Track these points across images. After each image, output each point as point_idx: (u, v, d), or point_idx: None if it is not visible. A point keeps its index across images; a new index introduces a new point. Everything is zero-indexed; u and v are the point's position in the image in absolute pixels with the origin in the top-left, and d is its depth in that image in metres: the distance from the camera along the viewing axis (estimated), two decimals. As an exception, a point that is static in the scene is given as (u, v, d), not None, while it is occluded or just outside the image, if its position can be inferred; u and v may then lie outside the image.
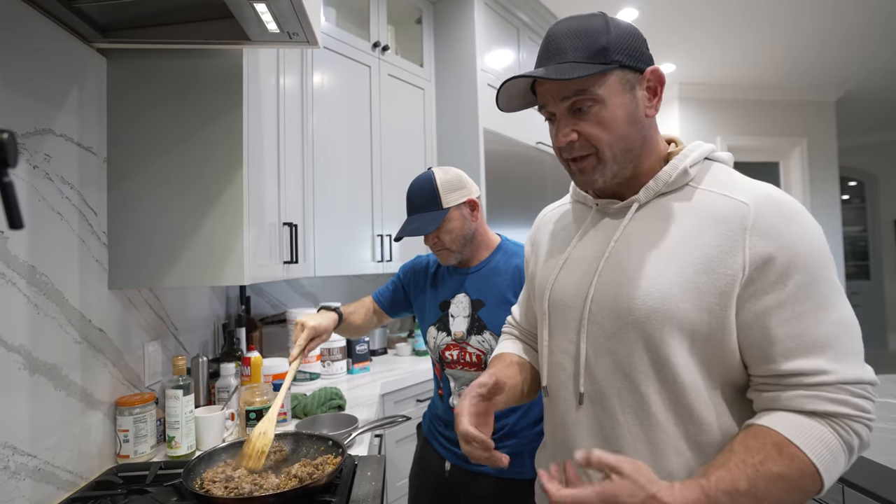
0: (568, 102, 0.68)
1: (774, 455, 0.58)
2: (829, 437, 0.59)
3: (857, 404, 0.59)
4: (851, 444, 0.60)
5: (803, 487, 0.58)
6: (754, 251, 0.61)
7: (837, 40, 3.44)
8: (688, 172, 0.69)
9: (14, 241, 0.89)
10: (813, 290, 0.61)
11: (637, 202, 0.71)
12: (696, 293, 0.63)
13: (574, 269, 0.76)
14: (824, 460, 0.58)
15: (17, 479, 0.89)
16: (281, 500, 0.91)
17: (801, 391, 0.61)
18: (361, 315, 1.39)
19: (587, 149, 0.69)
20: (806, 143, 4.49)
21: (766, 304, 0.62)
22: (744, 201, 0.64)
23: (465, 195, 1.22)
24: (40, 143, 0.97)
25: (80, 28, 1.05)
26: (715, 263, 0.63)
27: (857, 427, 0.60)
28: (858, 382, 0.60)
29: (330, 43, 2.05)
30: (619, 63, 0.66)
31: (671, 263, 0.65)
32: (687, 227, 0.66)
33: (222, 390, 1.48)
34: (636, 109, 0.68)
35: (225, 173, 1.22)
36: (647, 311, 0.65)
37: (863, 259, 5.98)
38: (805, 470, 0.58)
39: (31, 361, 0.93)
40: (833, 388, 0.60)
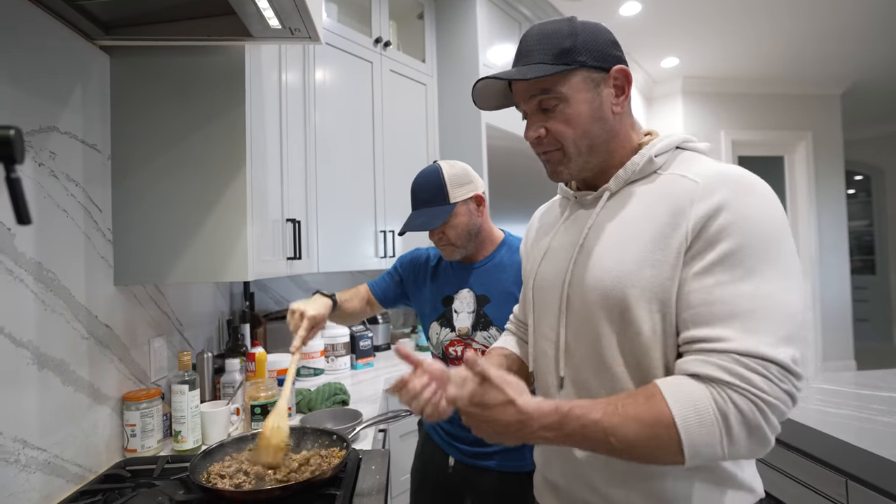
0: (535, 101, 0.73)
1: (641, 401, 0.59)
2: (702, 398, 0.57)
3: (744, 375, 0.56)
4: (726, 413, 0.56)
5: (657, 435, 0.57)
6: (696, 219, 0.62)
7: (840, 33, 3.41)
8: (653, 161, 0.72)
9: (21, 237, 0.90)
10: (740, 259, 0.60)
11: (608, 191, 0.75)
12: (650, 269, 0.65)
13: (553, 259, 0.80)
14: (686, 416, 0.56)
15: (28, 472, 0.91)
16: (286, 493, 0.92)
17: (694, 356, 0.60)
18: (356, 303, 1.38)
19: (554, 144, 0.73)
20: (811, 137, 4.46)
21: (691, 270, 0.62)
22: (696, 180, 0.66)
23: (472, 190, 1.21)
24: (45, 140, 0.98)
25: (84, 26, 1.06)
26: (666, 239, 0.65)
27: (737, 398, 0.56)
28: (758, 357, 0.56)
29: (332, 39, 2.05)
30: (581, 63, 0.70)
31: (630, 243, 0.68)
32: (647, 208, 0.69)
33: (227, 385, 1.49)
34: (601, 106, 0.72)
35: (228, 169, 1.23)
36: (604, 289, 0.68)
37: (868, 254, 5.94)
38: (661, 419, 0.57)
39: (40, 357, 0.94)
40: (724, 356, 0.57)
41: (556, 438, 0.61)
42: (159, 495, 0.97)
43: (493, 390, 0.61)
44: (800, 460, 1.29)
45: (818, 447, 1.25)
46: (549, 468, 0.82)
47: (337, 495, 0.94)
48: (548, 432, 0.60)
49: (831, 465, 1.21)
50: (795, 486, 1.31)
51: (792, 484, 1.32)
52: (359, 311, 1.39)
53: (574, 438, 0.60)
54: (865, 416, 1.32)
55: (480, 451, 1.20)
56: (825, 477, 1.22)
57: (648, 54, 3.74)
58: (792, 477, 1.32)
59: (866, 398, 1.48)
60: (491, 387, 0.62)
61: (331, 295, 1.29)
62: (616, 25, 3.22)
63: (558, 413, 0.60)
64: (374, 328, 2.40)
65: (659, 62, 3.89)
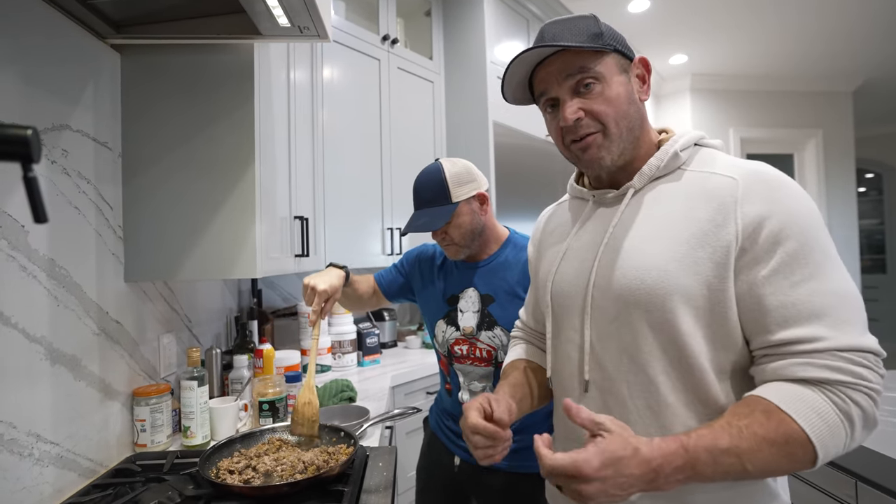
0: (573, 80, 0.70)
1: (762, 419, 0.57)
2: (822, 404, 0.57)
3: (854, 371, 0.57)
4: (849, 412, 0.56)
5: (793, 454, 0.56)
6: (745, 220, 0.62)
7: (850, 30, 3.37)
8: (678, 156, 0.72)
9: (34, 235, 0.91)
10: (805, 258, 0.60)
11: (632, 188, 0.73)
12: (693, 267, 0.64)
13: (573, 259, 0.78)
14: (815, 428, 0.56)
15: (41, 466, 0.92)
16: (295, 489, 0.92)
17: (793, 359, 0.59)
18: (364, 287, 1.37)
19: (594, 126, 0.71)
20: (821, 135, 4.41)
21: (758, 274, 0.62)
22: (732, 176, 0.66)
23: (474, 188, 1.19)
24: (58, 138, 0.99)
25: (95, 24, 1.07)
26: (709, 237, 0.64)
27: (855, 395, 0.56)
28: (857, 350, 0.57)
29: (339, 36, 2.05)
30: (613, 47, 0.71)
31: (667, 241, 0.67)
32: (680, 205, 0.68)
33: (235, 382, 1.50)
34: (633, 91, 0.72)
35: (237, 167, 1.23)
36: (646, 288, 0.66)
37: (879, 253, 5.87)
38: (793, 436, 0.56)
39: (52, 352, 0.96)
40: (827, 355, 0.57)
41: (688, 479, 0.57)
42: (169, 490, 0.98)
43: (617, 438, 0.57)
44: (809, 461, 1.29)
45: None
46: None
47: (345, 492, 0.95)
48: (680, 474, 0.57)
49: (841, 466, 1.20)
50: (805, 487, 1.30)
51: (801, 485, 1.31)
52: (366, 297, 1.38)
53: (705, 472, 0.57)
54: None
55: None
56: (834, 478, 1.21)
57: (657, 51, 3.71)
58: (801, 478, 1.31)
59: (877, 399, 1.46)
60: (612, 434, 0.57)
61: (343, 266, 1.28)
62: (625, 22, 3.20)
63: (686, 451, 0.56)
64: (381, 325, 2.41)
65: (667, 59, 3.86)
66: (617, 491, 0.56)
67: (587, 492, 0.55)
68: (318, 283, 1.17)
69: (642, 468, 0.56)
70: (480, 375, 1.21)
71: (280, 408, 1.38)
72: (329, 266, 1.27)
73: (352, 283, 1.31)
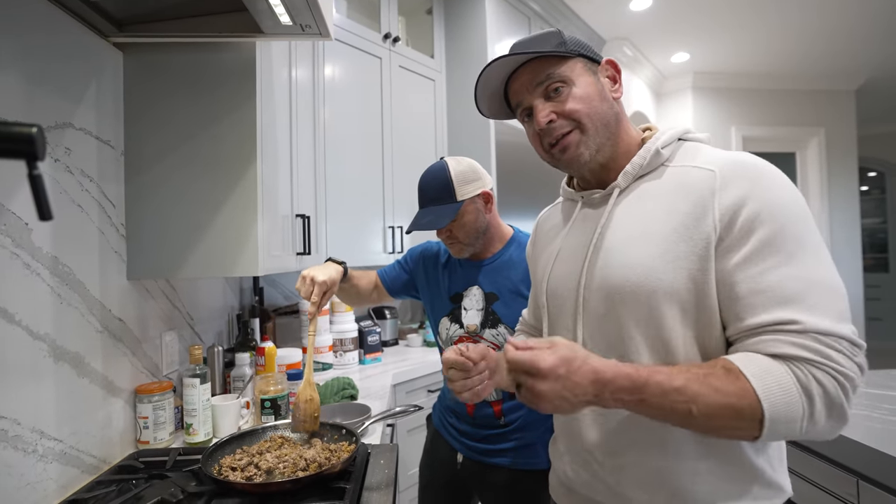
0: (542, 88, 0.74)
1: (720, 374, 0.58)
2: (783, 375, 0.57)
3: (824, 352, 0.56)
4: (809, 389, 0.56)
5: (739, 410, 0.57)
6: (722, 210, 0.63)
7: (852, 28, 3.36)
8: (660, 153, 0.73)
9: (38, 232, 0.92)
10: (778, 245, 0.60)
11: (618, 187, 0.75)
12: (676, 262, 0.65)
13: (566, 260, 0.80)
14: (768, 390, 0.56)
15: (45, 462, 0.92)
16: (297, 486, 0.93)
17: (765, 336, 0.59)
18: (364, 283, 1.38)
19: (568, 125, 0.73)
20: (823, 134, 4.40)
21: (731, 261, 0.62)
22: (710, 168, 0.67)
23: (479, 187, 1.20)
24: (61, 136, 0.99)
25: (98, 23, 1.07)
26: (690, 231, 0.65)
27: (820, 375, 0.56)
28: (832, 335, 0.57)
29: (341, 35, 2.05)
30: (577, 52, 0.75)
31: (651, 238, 0.68)
32: (662, 202, 0.69)
33: (237, 379, 1.51)
34: (603, 90, 0.75)
35: (239, 165, 1.24)
36: (631, 286, 0.67)
37: (882, 251, 5.85)
38: (744, 394, 0.56)
39: (56, 349, 0.96)
40: (800, 335, 0.57)
41: (631, 403, 0.59)
42: (172, 487, 0.99)
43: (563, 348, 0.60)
44: (811, 460, 1.29)
45: (829, 447, 1.24)
46: (566, 467, 0.81)
47: (346, 489, 0.95)
48: (625, 395, 0.59)
49: (842, 464, 1.20)
50: (806, 485, 1.30)
51: (803, 483, 1.31)
52: (366, 292, 1.38)
53: (650, 404, 0.58)
54: (877, 415, 1.31)
55: (491, 448, 1.20)
56: (836, 477, 1.21)
57: (658, 50, 3.70)
58: (803, 476, 1.31)
59: (878, 398, 1.46)
60: (560, 346, 0.60)
61: (342, 262, 1.28)
62: (626, 21, 3.19)
63: (638, 376, 0.59)
64: (382, 323, 2.41)
65: (669, 57, 3.85)
66: (567, 394, 0.58)
67: (541, 389, 0.58)
68: (318, 274, 1.16)
69: (591, 376, 0.59)
70: None
71: (282, 405, 1.38)
72: (328, 261, 1.27)
73: (350, 278, 1.31)
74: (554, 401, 0.59)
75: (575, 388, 0.58)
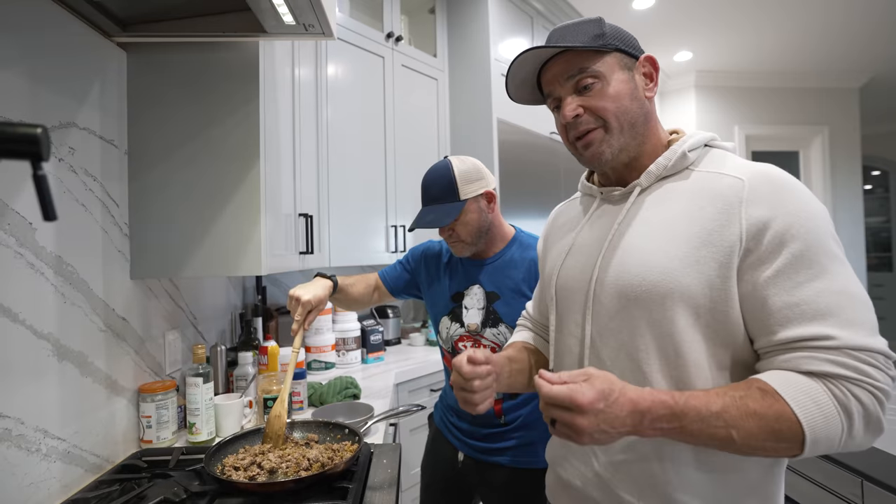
0: (573, 81, 0.73)
1: (756, 395, 0.58)
2: (820, 394, 0.57)
3: (860, 368, 0.56)
4: (848, 406, 0.56)
5: (780, 433, 0.57)
6: (750, 221, 0.62)
7: (856, 26, 3.34)
8: (686, 156, 0.72)
9: (42, 232, 0.92)
10: (810, 259, 0.60)
11: (639, 186, 0.74)
12: (695, 266, 0.64)
13: (579, 255, 0.79)
14: (808, 413, 0.56)
15: (49, 461, 0.93)
16: (300, 485, 0.93)
17: (799, 353, 0.59)
18: (360, 288, 1.38)
19: (594, 122, 0.72)
20: (827, 132, 4.38)
21: (762, 275, 0.62)
22: (739, 177, 0.66)
23: (482, 186, 1.20)
24: (65, 136, 0.99)
25: (102, 23, 1.07)
26: (713, 237, 0.64)
27: (857, 391, 0.56)
28: (866, 350, 0.57)
29: (344, 34, 2.05)
30: (615, 47, 0.72)
31: (671, 240, 0.67)
32: (686, 205, 0.68)
33: (240, 378, 1.51)
34: (636, 88, 0.73)
35: (242, 165, 1.24)
36: (647, 286, 0.67)
37: (885, 251, 5.82)
38: (783, 415, 0.56)
39: (60, 348, 0.96)
40: (834, 352, 0.57)
41: (672, 431, 0.59)
42: (175, 486, 0.99)
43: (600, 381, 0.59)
44: (815, 460, 1.28)
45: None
46: (564, 469, 0.80)
47: (349, 488, 0.95)
48: (664, 423, 0.58)
49: (847, 465, 1.19)
50: (811, 486, 1.30)
51: (807, 484, 1.31)
52: (363, 297, 1.39)
53: (689, 431, 0.58)
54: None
55: (491, 447, 1.20)
56: (841, 477, 1.21)
57: (661, 48, 3.69)
58: (807, 477, 1.31)
59: (883, 398, 1.46)
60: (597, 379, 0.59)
61: (331, 276, 1.29)
62: (629, 20, 3.18)
63: (675, 404, 0.58)
64: (385, 322, 2.41)
65: (672, 56, 3.84)
66: (607, 427, 0.57)
67: (581, 424, 0.57)
68: (303, 293, 1.18)
69: (630, 407, 0.58)
70: None
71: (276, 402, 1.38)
72: (317, 276, 1.28)
73: (342, 290, 1.32)
74: (594, 434, 0.58)
75: (614, 420, 0.57)
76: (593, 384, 0.58)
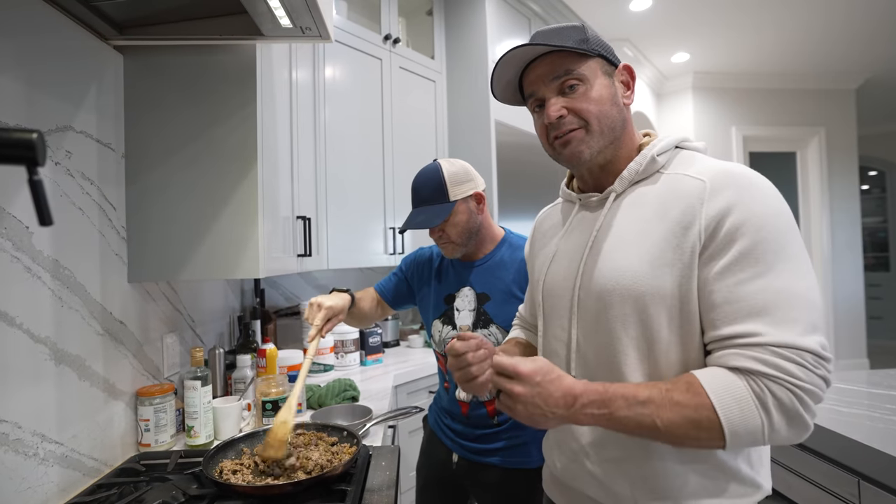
0: (558, 82, 0.74)
1: (682, 388, 0.62)
2: (740, 388, 0.60)
3: (780, 365, 0.58)
4: (765, 402, 0.59)
5: (699, 423, 0.60)
6: (707, 219, 0.64)
7: (854, 27, 3.35)
8: (656, 160, 0.74)
9: (39, 236, 0.92)
10: (756, 256, 0.62)
11: (614, 192, 0.76)
12: (664, 268, 0.66)
13: (562, 261, 0.81)
14: (724, 404, 0.59)
15: (46, 466, 0.92)
16: (298, 488, 0.93)
17: (729, 350, 0.62)
18: (368, 303, 1.40)
19: (576, 122, 0.74)
20: (824, 133, 4.40)
21: (711, 270, 0.64)
22: (701, 178, 0.68)
23: (471, 188, 1.21)
24: (61, 139, 0.99)
25: (99, 26, 1.07)
26: (679, 238, 0.66)
27: (775, 388, 0.59)
28: (791, 347, 0.59)
29: (341, 36, 2.05)
30: (597, 52, 0.75)
31: (642, 243, 0.69)
32: (655, 208, 0.70)
33: (239, 381, 1.51)
34: (616, 94, 0.76)
35: (240, 167, 1.24)
36: (621, 290, 0.69)
37: (883, 250, 5.85)
38: (702, 405, 0.60)
39: (57, 353, 0.96)
40: (758, 349, 0.60)
41: (602, 417, 0.63)
42: (173, 489, 0.99)
43: (543, 361, 0.65)
44: (812, 460, 1.29)
45: (830, 447, 1.24)
46: (557, 461, 0.83)
47: (348, 491, 0.95)
48: (594, 409, 0.62)
49: (843, 464, 1.20)
50: (807, 485, 1.30)
51: (804, 484, 1.31)
52: (371, 313, 1.41)
53: (618, 418, 0.62)
54: (878, 415, 1.31)
55: (484, 448, 1.21)
56: (837, 477, 1.21)
57: (658, 50, 3.70)
58: (804, 477, 1.31)
59: (879, 397, 1.46)
60: (540, 360, 0.65)
61: (347, 290, 1.31)
62: (626, 21, 3.19)
63: (606, 391, 0.63)
64: (383, 325, 2.41)
65: (669, 57, 3.85)
66: (540, 402, 0.62)
67: (517, 391, 0.63)
68: (326, 300, 1.21)
69: (564, 390, 0.63)
70: None
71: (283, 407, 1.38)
72: (333, 291, 1.30)
73: (357, 304, 1.34)
74: (528, 405, 0.63)
75: (548, 397, 0.62)
76: (535, 361, 0.65)
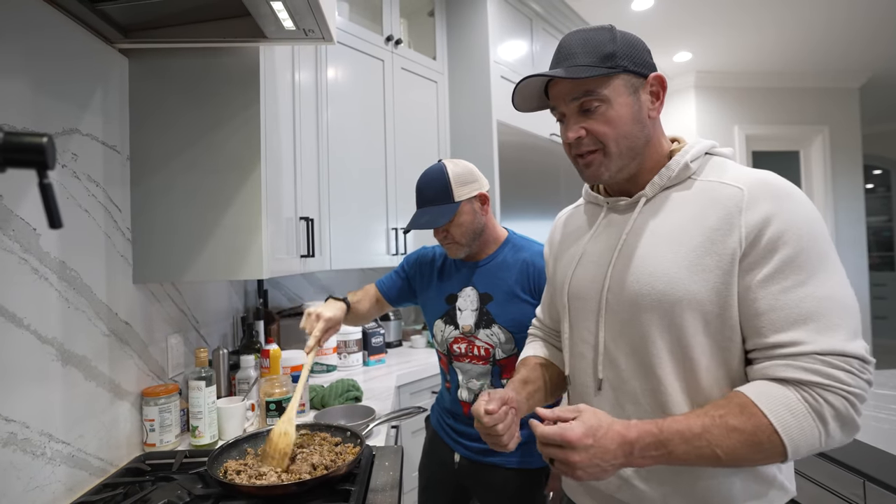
0: (577, 103, 0.74)
1: (735, 411, 0.61)
2: (794, 402, 0.60)
3: (831, 374, 0.59)
4: (821, 412, 0.59)
5: (760, 444, 0.60)
6: (748, 228, 0.65)
7: (858, 25, 3.34)
8: (689, 167, 0.74)
9: (46, 238, 0.93)
10: (799, 264, 0.63)
11: (644, 197, 0.76)
12: (702, 274, 0.67)
13: (589, 264, 0.81)
14: (783, 421, 0.59)
15: (54, 465, 0.93)
16: (302, 489, 0.93)
17: (776, 360, 0.63)
18: (366, 304, 1.41)
19: (594, 144, 0.74)
20: (827, 132, 4.37)
21: (754, 278, 0.64)
22: (739, 186, 0.68)
23: (476, 189, 1.22)
24: (68, 142, 1.00)
25: (104, 30, 1.08)
26: (716, 245, 0.66)
27: (829, 396, 0.59)
28: (838, 354, 0.60)
29: (343, 38, 2.06)
30: (623, 68, 0.72)
31: (678, 248, 0.69)
32: (690, 214, 0.71)
33: (242, 382, 1.52)
34: (640, 110, 0.74)
35: (243, 169, 1.24)
36: (657, 295, 0.69)
37: (887, 250, 5.81)
38: (760, 426, 0.60)
39: (64, 353, 0.97)
40: (807, 358, 0.60)
41: (661, 457, 0.62)
42: (178, 489, 0.99)
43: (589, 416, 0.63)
44: (817, 461, 1.28)
45: (836, 448, 1.23)
46: None
47: (352, 491, 0.95)
48: (652, 451, 0.62)
49: (849, 465, 1.19)
50: (813, 486, 1.30)
51: (809, 484, 1.31)
52: (370, 312, 1.42)
53: (677, 455, 0.61)
54: (884, 416, 1.30)
55: (486, 448, 1.20)
56: (842, 478, 1.21)
57: (660, 49, 3.69)
58: (809, 478, 1.31)
59: (884, 398, 1.46)
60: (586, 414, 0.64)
61: (343, 298, 1.32)
62: (628, 21, 3.19)
63: (660, 430, 0.62)
64: (386, 325, 2.42)
65: (671, 57, 3.84)
66: (600, 461, 0.61)
67: (574, 460, 0.61)
68: (324, 311, 1.21)
69: (618, 440, 0.61)
70: (479, 373, 1.22)
71: (286, 407, 1.39)
72: (328, 299, 1.31)
73: (353, 308, 1.35)
74: (588, 469, 0.61)
75: (605, 454, 0.61)
76: (582, 420, 0.62)
